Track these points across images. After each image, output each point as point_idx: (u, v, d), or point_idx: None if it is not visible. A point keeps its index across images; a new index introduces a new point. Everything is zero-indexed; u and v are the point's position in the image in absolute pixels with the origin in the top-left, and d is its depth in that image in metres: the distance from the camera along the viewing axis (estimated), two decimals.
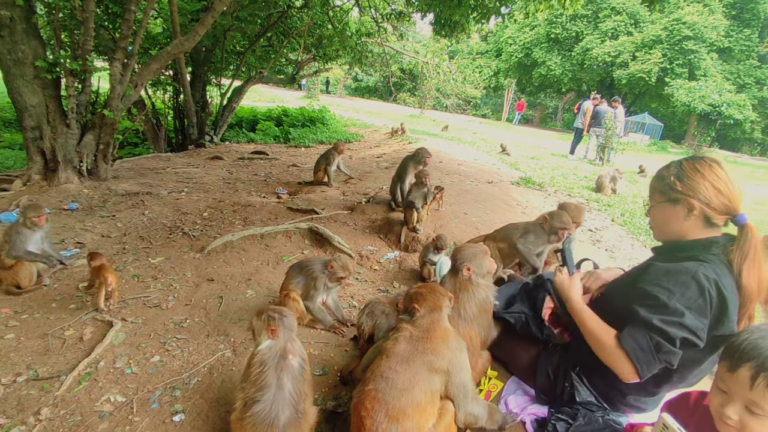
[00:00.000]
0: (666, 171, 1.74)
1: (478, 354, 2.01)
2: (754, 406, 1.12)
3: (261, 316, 1.74)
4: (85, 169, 5.45)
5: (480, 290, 2.03)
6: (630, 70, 26.13)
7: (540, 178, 8.08)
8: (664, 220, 1.75)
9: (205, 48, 10.76)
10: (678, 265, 1.59)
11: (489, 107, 43.39)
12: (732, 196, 1.62)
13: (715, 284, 1.52)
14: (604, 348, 1.63)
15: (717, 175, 1.62)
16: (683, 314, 1.50)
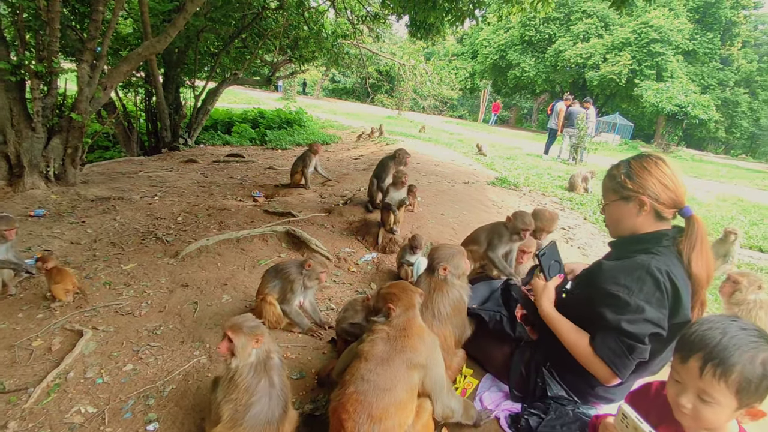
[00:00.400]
0: (616, 170, 1.83)
1: (453, 352, 2.04)
2: (704, 394, 1.19)
3: (243, 332, 1.69)
4: (53, 174, 5.28)
5: (454, 290, 2.06)
6: (601, 71, 26.82)
7: (515, 178, 8.21)
8: (618, 217, 1.83)
9: (178, 49, 10.56)
10: (632, 261, 1.67)
11: (466, 108, 43.85)
12: (678, 191, 1.72)
13: (667, 275, 1.60)
14: (580, 355, 1.71)
15: (663, 171, 1.72)
16: (644, 309, 1.58)
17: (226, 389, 1.70)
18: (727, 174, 15.69)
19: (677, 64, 26.29)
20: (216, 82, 11.58)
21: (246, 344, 1.67)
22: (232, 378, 1.69)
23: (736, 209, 8.41)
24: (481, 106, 37.16)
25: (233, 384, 1.68)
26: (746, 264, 5.05)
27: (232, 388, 1.69)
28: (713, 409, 1.20)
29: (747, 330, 1.19)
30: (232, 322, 1.69)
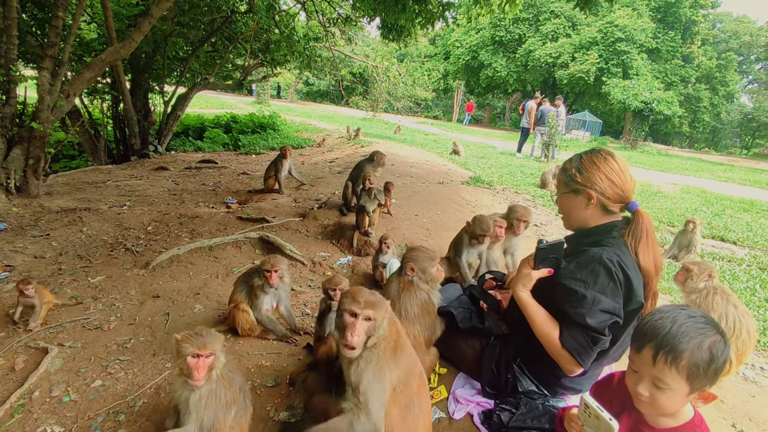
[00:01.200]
0: (569, 164, 1.90)
1: (424, 351, 2.07)
2: (658, 381, 1.26)
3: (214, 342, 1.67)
4: (13, 186, 5.08)
5: (421, 292, 2.09)
6: (570, 70, 27.50)
7: (489, 177, 8.33)
8: (569, 208, 1.91)
9: (146, 54, 10.32)
10: (585, 255, 1.74)
11: (440, 109, 44.28)
12: (624, 186, 1.79)
13: (618, 265, 1.67)
14: (551, 346, 1.76)
15: (611, 167, 1.79)
16: (600, 300, 1.65)
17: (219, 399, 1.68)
18: (691, 167, 16.27)
19: (642, 62, 27.17)
20: (186, 87, 11.36)
21: (221, 348, 1.70)
22: (216, 389, 1.68)
23: (699, 201, 8.73)
24: (455, 107, 37.58)
25: (222, 391, 1.69)
26: (709, 253, 5.25)
27: (222, 394, 1.69)
28: (667, 396, 1.26)
29: (695, 318, 1.27)
30: (202, 341, 1.64)
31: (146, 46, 9.73)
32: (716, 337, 1.23)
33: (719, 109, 31.90)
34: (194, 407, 1.63)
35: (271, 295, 2.72)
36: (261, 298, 2.67)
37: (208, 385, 1.65)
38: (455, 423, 1.94)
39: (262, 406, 2.16)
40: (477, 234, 2.96)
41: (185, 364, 1.59)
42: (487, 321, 2.07)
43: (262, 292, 2.67)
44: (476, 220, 3.00)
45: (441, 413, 1.99)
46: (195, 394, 1.62)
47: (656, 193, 9.20)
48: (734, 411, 2.31)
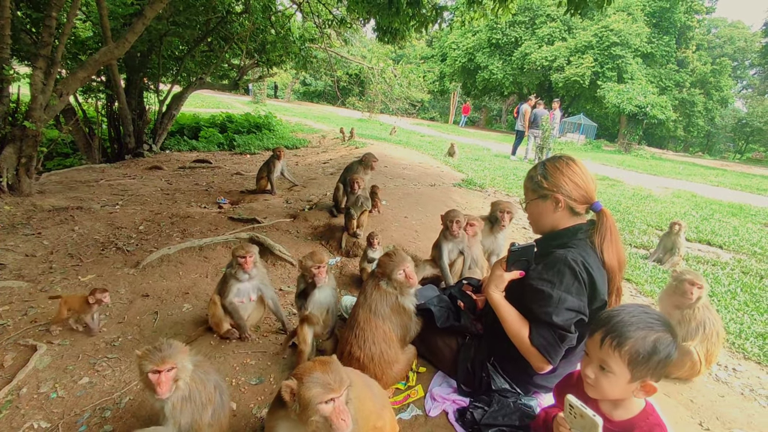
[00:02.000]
0: (534, 171, 1.99)
1: (396, 347, 2.14)
2: (604, 363, 1.37)
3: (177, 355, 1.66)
4: (6, 185, 5.11)
5: (390, 296, 2.16)
6: (566, 73, 27.67)
7: (481, 179, 8.41)
8: (538, 214, 1.99)
9: (141, 53, 10.33)
10: (552, 257, 1.82)
11: (437, 110, 44.41)
12: (588, 187, 1.89)
13: (582, 265, 1.76)
14: (521, 345, 1.84)
15: (573, 170, 1.89)
16: (566, 300, 1.74)
17: (194, 403, 1.70)
18: (684, 171, 16.42)
19: (636, 67, 27.36)
20: (182, 86, 11.38)
21: (183, 359, 1.68)
22: (190, 393, 1.70)
23: (689, 205, 8.84)
24: (452, 108, 37.68)
25: (195, 393, 1.71)
26: (693, 257, 5.34)
27: (196, 397, 1.71)
28: (609, 379, 1.36)
29: (649, 314, 1.38)
30: (160, 356, 1.61)
31: (141, 45, 9.75)
32: (663, 335, 1.33)
33: (713, 114, 32.16)
34: (170, 415, 1.66)
35: (248, 285, 2.75)
36: (231, 284, 2.70)
37: (178, 393, 1.66)
38: (431, 420, 2.00)
39: (245, 403, 2.21)
40: (446, 223, 3.07)
41: (147, 380, 1.61)
42: (463, 319, 2.15)
43: (233, 279, 2.71)
44: (447, 212, 3.14)
45: (418, 411, 2.05)
46: (167, 404, 1.64)
47: (647, 196, 9.31)
48: (703, 410, 2.39)
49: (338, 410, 1.33)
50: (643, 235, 6.03)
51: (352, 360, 2.05)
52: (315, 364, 1.39)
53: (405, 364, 2.16)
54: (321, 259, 2.34)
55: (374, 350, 2.05)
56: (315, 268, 2.32)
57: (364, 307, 2.14)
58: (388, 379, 2.11)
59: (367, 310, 2.11)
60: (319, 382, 1.33)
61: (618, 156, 20.51)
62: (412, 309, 2.19)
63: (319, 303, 2.40)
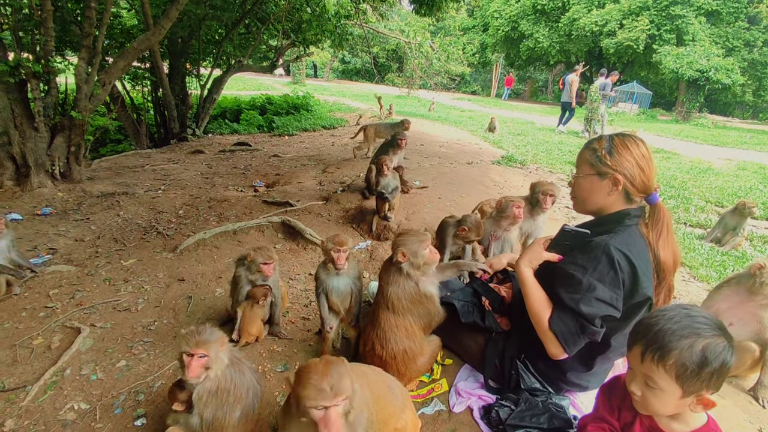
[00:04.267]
0: (598, 144, 1.76)
1: (420, 339, 2.04)
2: (648, 379, 1.19)
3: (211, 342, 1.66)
4: (58, 173, 5.40)
5: (410, 282, 2.01)
6: (617, 38, 25.76)
7: (522, 155, 8.05)
8: (588, 192, 1.78)
9: (182, 39, 10.56)
10: (591, 241, 1.65)
11: (478, 83, 42.93)
12: (650, 175, 1.69)
13: (623, 254, 1.58)
14: (539, 326, 1.72)
15: (642, 153, 1.68)
16: (595, 288, 1.58)
17: (220, 399, 1.69)
18: (751, 140, 15.03)
19: (699, 27, 25.02)
20: (222, 70, 11.57)
21: (218, 350, 1.67)
22: (218, 389, 1.68)
23: (756, 178, 8.08)
24: (494, 81, 36.33)
25: (224, 391, 1.69)
26: (760, 236, 4.87)
27: (224, 395, 1.69)
28: (658, 396, 1.20)
29: (693, 317, 1.18)
30: (196, 340, 1.62)
31: (182, 31, 9.94)
32: (714, 340, 1.13)
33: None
34: (195, 403, 1.67)
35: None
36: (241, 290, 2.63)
37: (206, 384, 1.65)
38: (455, 416, 1.92)
39: (270, 391, 2.22)
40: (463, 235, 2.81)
41: (181, 360, 1.63)
42: (487, 320, 2.01)
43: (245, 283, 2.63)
44: (462, 219, 2.86)
45: (441, 405, 1.98)
46: (195, 391, 1.65)
47: (707, 169, 8.59)
48: (763, 415, 2.16)
49: (327, 420, 1.24)
50: (701, 213, 5.57)
51: (374, 357, 2.00)
52: (319, 365, 1.31)
53: (429, 356, 2.08)
54: (342, 242, 2.22)
55: (397, 348, 1.98)
56: (334, 251, 2.21)
57: (382, 306, 2.03)
58: (412, 373, 2.04)
59: (385, 309, 2.01)
60: (314, 386, 1.24)
61: (675, 126, 19.11)
62: (434, 293, 2.06)
63: (338, 290, 2.33)
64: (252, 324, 2.56)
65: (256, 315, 2.58)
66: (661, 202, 1.70)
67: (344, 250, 2.22)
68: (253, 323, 2.56)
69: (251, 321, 2.56)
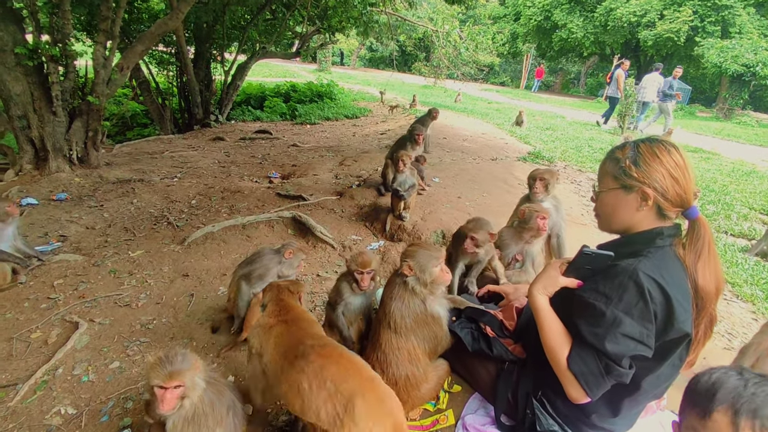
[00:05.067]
0: (621, 153, 1.50)
1: (424, 364, 1.84)
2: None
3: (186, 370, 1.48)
4: (76, 157, 5.38)
5: (416, 300, 1.81)
6: (657, 30, 24.54)
7: (550, 152, 7.68)
8: (613, 208, 1.53)
9: (207, 24, 10.48)
10: (616, 266, 1.41)
11: (508, 74, 41.84)
12: (687, 187, 1.42)
13: (655, 282, 1.33)
14: (557, 366, 1.49)
15: (675, 161, 1.41)
16: (621, 322, 1.34)
17: (198, 425, 1.53)
18: None
19: (747, 18, 23.59)
20: (246, 56, 11.47)
21: (193, 377, 1.50)
22: (194, 415, 1.53)
23: None
24: (524, 72, 35.32)
25: (201, 416, 1.54)
26: None
27: (201, 419, 1.54)
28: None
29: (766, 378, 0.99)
30: (168, 371, 1.44)
31: (206, 16, 9.86)
32: None
33: None
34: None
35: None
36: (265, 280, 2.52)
37: (181, 412, 1.49)
38: None
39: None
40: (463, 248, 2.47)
41: (152, 393, 1.46)
42: (495, 348, 1.78)
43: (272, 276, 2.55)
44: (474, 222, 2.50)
45: None
46: (169, 420, 1.50)
47: (750, 172, 8.02)
48: None
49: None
50: (744, 222, 5.15)
51: None
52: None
53: (435, 383, 1.87)
54: (367, 262, 2.04)
55: (398, 373, 1.79)
56: (358, 273, 2.05)
57: (383, 324, 1.84)
58: (415, 401, 1.84)
59: (386, 328, 1.82)
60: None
61: (716, 123, 18.12)
62: (442, 315, 1.85)
63: (354, 307, 2.16)
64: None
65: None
66: (702, 216, 1.44)
67: (368, 272, 2.05)
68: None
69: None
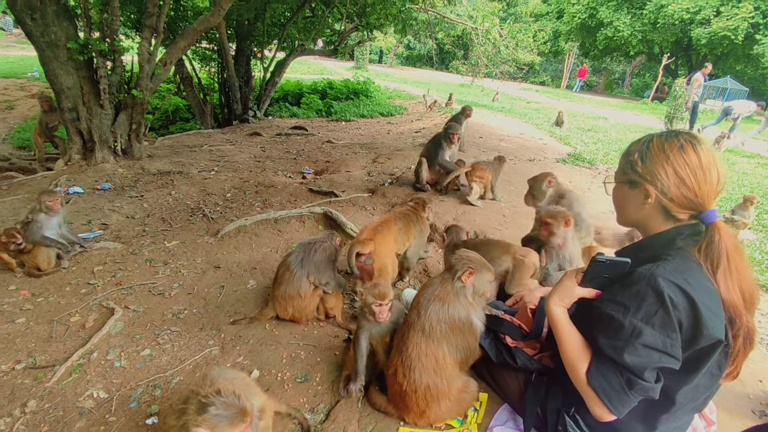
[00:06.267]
0: (635, 146, 1.44)
1: (449, 377, 1.75)
2: None
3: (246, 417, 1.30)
4: (120, 149, 5.59)
5: (459, 306, 1.73)
6: (712, 28, 23.22)
7: (592, 154, 7.39)
8: (622, 202, 1.49)
9: (248, 21, 10.69)
10: (634, 273, 1.31)
11: (548, 74, 40.71)
12: (700, 189, 1.31)
13: (677, 287, 1.22)
14: (577, 381, 1.40)
15: (686, 159, 1.31)
16: (641, 332, 1.24)
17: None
18: None
19: None
20: (285, 53, 11.64)
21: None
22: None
23: None
24: (565, 71, 34.26)
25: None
26: None
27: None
28: None
29: None
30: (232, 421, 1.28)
31: (247, 14, 10.05)
32: None
33: None
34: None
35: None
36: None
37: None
38: None
39: (287, 402, 2.05)
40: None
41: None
42: (518, 359, 1.69)
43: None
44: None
45: None
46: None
47: None
48: None
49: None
50: None
51: (395, 384, 1.76)
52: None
53: (456, 402, 1.78)
54: (383, 294, 1.94)
55: (420, 381, 1.71)
56: (375, 305, 1.95)
57: (416, 327, 1.76)
58: (433, 416, 1.76)
59: (419, 332, 1.74)
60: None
61: None
62: (479, 327, 1.78)
63: (378, 332, 2.07)
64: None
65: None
66: (720, 222, 1.31)
67: (386, 303, 1.96)
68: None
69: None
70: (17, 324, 2.68)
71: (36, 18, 4.68)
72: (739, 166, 8.16)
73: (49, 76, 5.07)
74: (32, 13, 4.64)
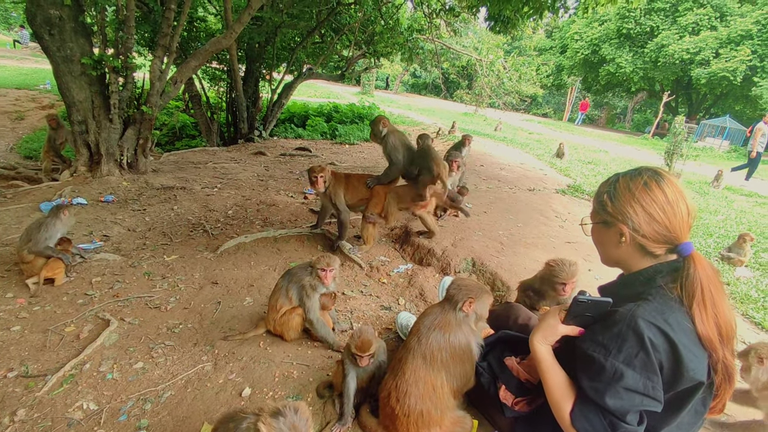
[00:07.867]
0: (604, 187, 1.48)
1: (444, 407, 1.74)
2: None
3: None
4: (126, 163, 5.67)
5: (460, 335, 1.74)
6: (711, 68, 23.77)
7: (591, 186, 7.46)
8: (599, 243, 1.53)
9: (259, 44, 10.99)
10: (616, 313, 1.32)
11: (551, 106, 41.42)
12: (671, 224, 1.33)
13: (657, 329, 1.24)
14: (561, 421, 1.40)
15: (652, 197, 1.34)
16: (623, 375, 1.25)
17: None
18: None
19: None
20: (294, 76, 11.91)
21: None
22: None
23: None
24: (568, 104, 34.87)
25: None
26: None
27: None
28: None
29: None
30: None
31: (258, 37, 10.33)
32: None
33: None
34: None
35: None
36: (313, 299, 2.55)
37: None
38: None
39: None
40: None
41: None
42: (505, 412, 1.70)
43: (316, 293, 2.57)
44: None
45: None
46: None
47: None
48: None
49: None
50: None
51: (387, 407, 1.76)
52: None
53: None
54: (366, 346, 1.95)
55: (413, 407, 1.71)
56: (357, 356, 1.96)
57: (416, 353, 1.76)
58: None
59: (419, 359, 1.74)
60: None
61: None
62: (477, 354, 1.80)
63: (363, 372, 2.08)
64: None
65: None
66: (697, 254, 1.32)
67: (369, 355, 1.97)
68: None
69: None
70: (12, 332, 2.69)
71: (54, 33, 4.84)
72: (738, 204, 8.22)
73: (61, 89, 5.20)
74: (50, 28, 4.80)
